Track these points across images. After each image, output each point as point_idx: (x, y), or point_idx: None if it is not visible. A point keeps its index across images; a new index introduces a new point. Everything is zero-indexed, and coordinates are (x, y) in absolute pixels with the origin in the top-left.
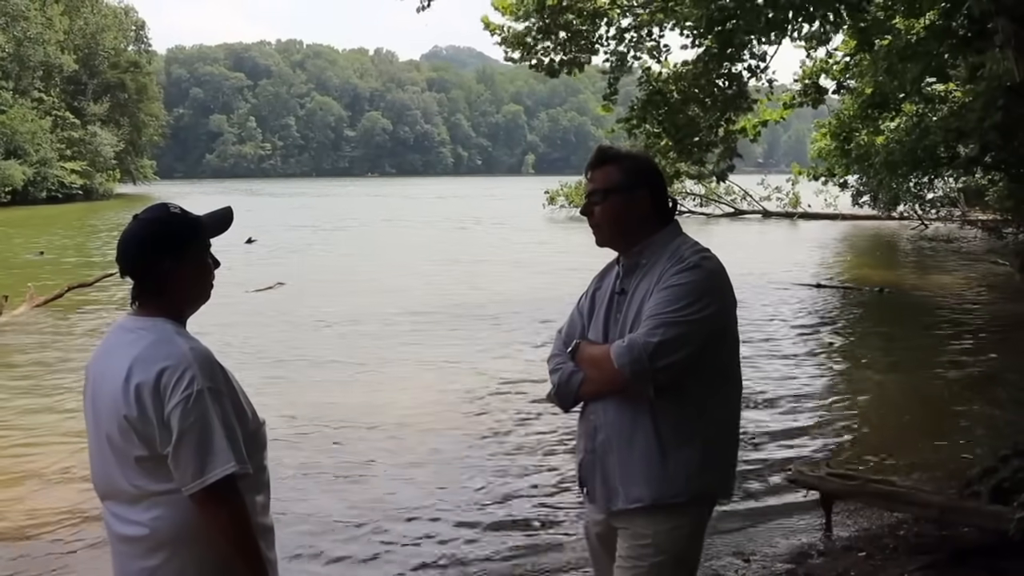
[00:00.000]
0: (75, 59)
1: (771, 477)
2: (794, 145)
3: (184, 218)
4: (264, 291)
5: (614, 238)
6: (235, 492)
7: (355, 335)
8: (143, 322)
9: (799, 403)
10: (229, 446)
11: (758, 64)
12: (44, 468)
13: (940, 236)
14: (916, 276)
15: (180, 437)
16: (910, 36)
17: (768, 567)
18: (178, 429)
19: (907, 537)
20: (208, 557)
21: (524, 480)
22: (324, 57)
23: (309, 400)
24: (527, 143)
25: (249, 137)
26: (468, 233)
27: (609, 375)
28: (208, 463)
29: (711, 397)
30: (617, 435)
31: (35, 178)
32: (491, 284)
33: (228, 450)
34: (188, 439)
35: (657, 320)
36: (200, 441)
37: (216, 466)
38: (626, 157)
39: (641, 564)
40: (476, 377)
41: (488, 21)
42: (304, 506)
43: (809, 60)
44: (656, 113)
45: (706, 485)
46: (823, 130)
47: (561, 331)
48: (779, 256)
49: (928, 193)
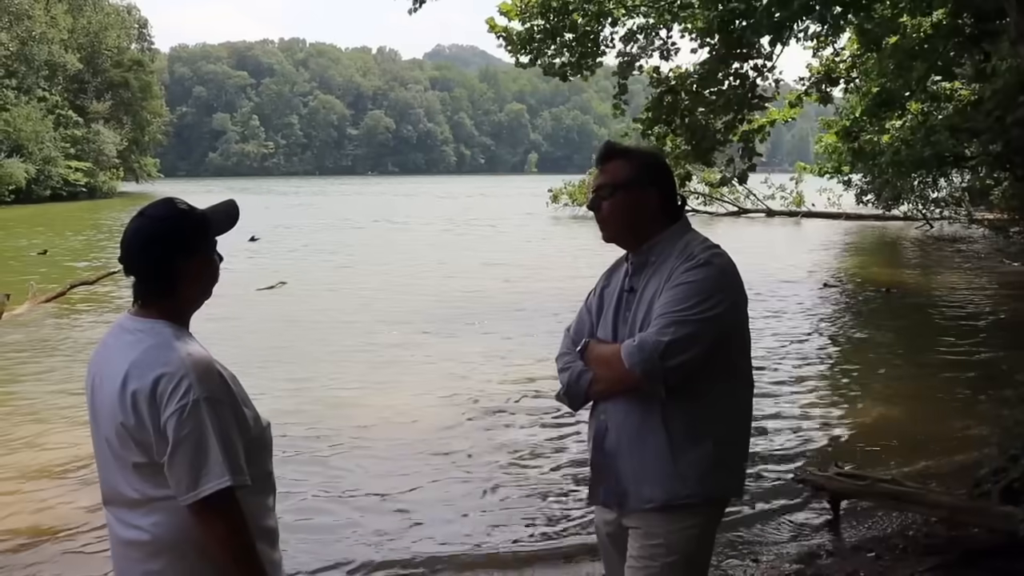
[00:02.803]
0: (78, 58)
1: (779, 477)
2: (797, 144)
3: (192, 214)
4: (267, 290)
5: (621, 233)
6: (231, 504)
7: (359, 334)
8: (142, 324)
9: (806, 403)
10: (225, 458)
11: (764, 64)
12: (47, 465)
13: (945, 235)
14: (922, 275)
15: (175, 448)
16: (918, 34)
17: (777, 567)
18: (173, 439)
19: (916, 538)
20: (209, 565)
21: (534, 479)
22: (327, 56)
23: (313, 399)
24: (530, 142)
25: (252, 136)
26: (471, 231)
27: (619, 374)
28: (202, 476)
29: (723, 396)
30: (628, 435)
31: (38, 176)
32: (496, 282)
33: (223, 463)
34: (183, 450)
35: (668, 319)
36: (195, 453)
37: (211, 479)
38: (635, 153)
39: (653, 564)
40: (484, 376)
41: (494, 24)
42: (312, 503)
43: (816, 59)
44: (669, 115)
45: (718, 485)
46: (831, 129)
47: (569, 329)
48: (783, 255)
49: (933, 192)
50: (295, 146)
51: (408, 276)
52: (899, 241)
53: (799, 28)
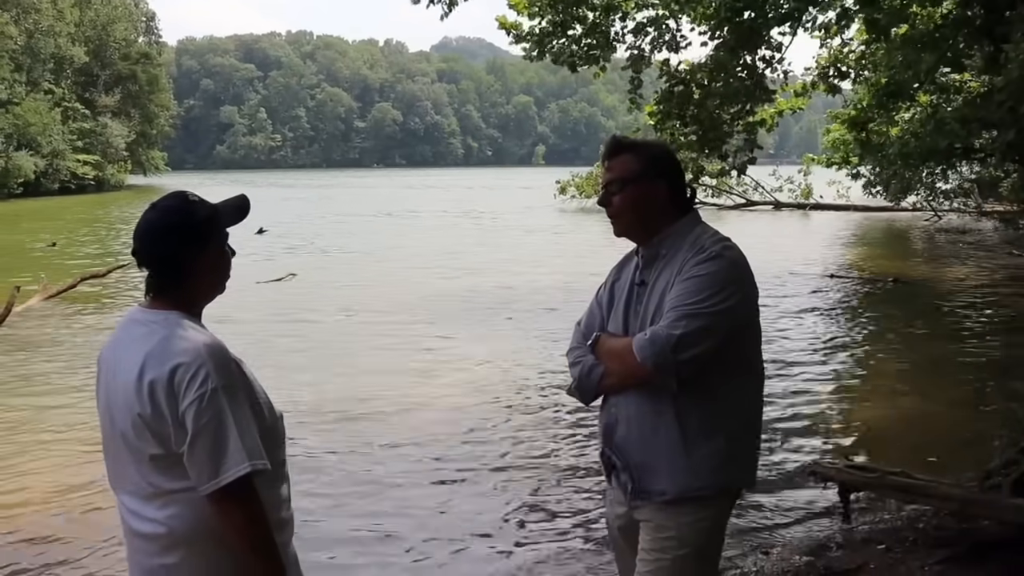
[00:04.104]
0: (86, 51)
1: (789, 470)
2: (805, 136)
3: (203, 207)
4: (276, 282)
5: (632, 228)
6: (251, 492)
7: (368, 326)
8: (155, 315)
9: (814, 395)
10: (244, 445)
11: (773, 55)
12: (57, 459)
13: (954, 227)
14: (930, 267)
15: (194, 437)
16: (927, 25)
17: (787, 559)
18: (192, 428)
19: (926, 530)
20: (226, 556)
21: (545, 472)
22: (334, 48)
23: (324, 391)
24: (537, 134)
25: (259, 128)
26: (480, 223)
27: (631, 368)
28: (223, 464)
29: (734, 389)
30: (639, 429)
31: (47, 170)
32: (505, 275)
33: (242, 449)
34: (203, 439)
35: (679, 312)
36: (215, 441)
37: (231, 466)
38: (643, 146)
39: (664, 557)
40: (496, 368)
41: (504, 20)
42: (322, 501)
43: (824, 50)
44: (680, 108)
45: (730, 478)
46: (838, 120)
47: (580, 323)
48: (791, 247)
49: (942, 184)
50: (302, 139)
51: (417, 267)
52: (907, 233)
53: (808, 18)
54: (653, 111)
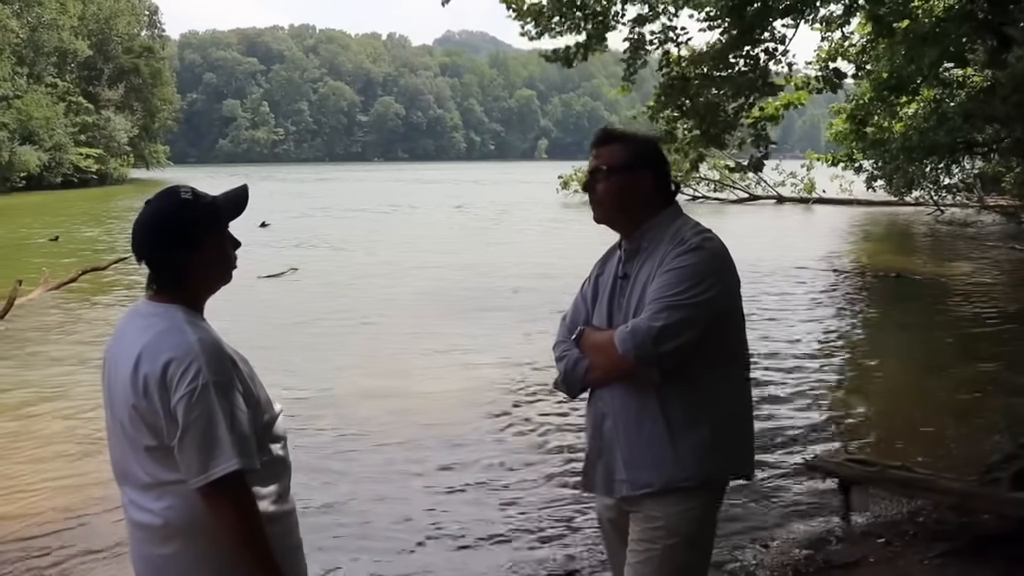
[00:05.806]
0: (89, 44)
1: (789, 463)
2: (808, 131)
3: (197, 204)
4: (277, 276)
5: (614, 216)
6: (240, 487)
7: (370, 321)
8: (156, 308)
9: (816, 389)
10: (234, 442)
11: (776, 47)
12: (60, 451)
13: (956, 221)
14: (933, 262)
15: (184, 431)
16: (930, 19)
17: (787, 552)
18: (183, 423)
19: (926, 524)
20: (222, 548)
21: (536, 464)
22: (337, 42)
23: (323, 386)
24: (540, 128)
25: (262, 122)
26: (482, 217)
27: (614, 361)
28: (211, 459)
29: (718, 379)
30: (624, 421)
31: (50, 163)
32: (506, 269)
33: (232, 446)
34: (192, 433)
35: (660, 304)
36: (204, 436)
37: (220, 463)
38: (632, 137)
39: (654, 547)
40: (497, 363)
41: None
42: (323, 495)
43: (826, 43)
44: (678, 98)
45: (717, 467)
46: (841, 115)
47: (565, 318)
48: (794, 241)
49: (944, 178)
50: (305, 132)
51: (420, 262)
52: (910, 227)
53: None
54: (652, 104)
